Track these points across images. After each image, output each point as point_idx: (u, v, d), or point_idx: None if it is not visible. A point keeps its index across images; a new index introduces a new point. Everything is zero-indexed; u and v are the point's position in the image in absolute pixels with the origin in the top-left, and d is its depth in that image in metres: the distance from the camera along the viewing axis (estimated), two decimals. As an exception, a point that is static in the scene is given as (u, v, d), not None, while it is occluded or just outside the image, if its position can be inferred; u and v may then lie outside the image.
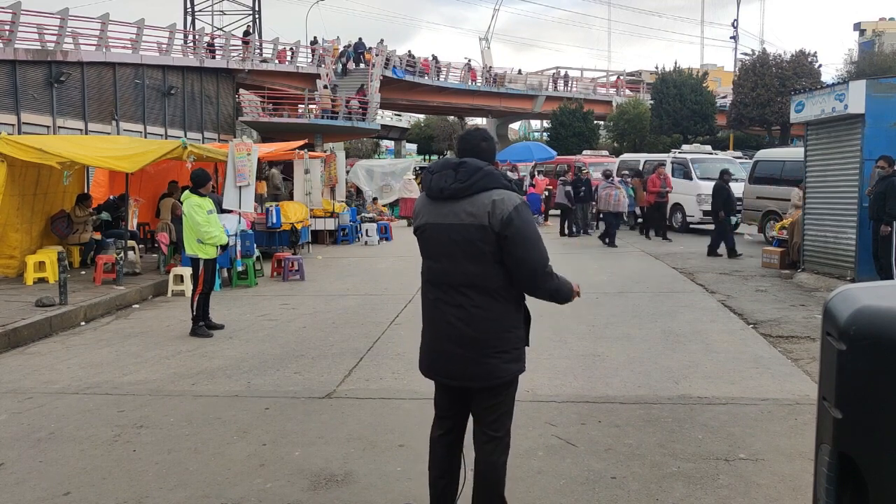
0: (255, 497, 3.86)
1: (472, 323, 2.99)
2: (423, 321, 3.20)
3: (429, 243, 3.10)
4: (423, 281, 3.18)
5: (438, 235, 3.04)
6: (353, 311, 9.12)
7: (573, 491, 3.87)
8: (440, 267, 3.06)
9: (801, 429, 4.73)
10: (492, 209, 2.92)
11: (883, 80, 10.56)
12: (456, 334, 3.02)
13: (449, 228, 3.00)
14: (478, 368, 3.01)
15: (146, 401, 5.54)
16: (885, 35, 47.88)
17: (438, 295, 3.08)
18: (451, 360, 3.06)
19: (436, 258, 3.08)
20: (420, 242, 3.17)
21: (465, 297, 3.00)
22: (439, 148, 56.26)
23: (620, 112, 42.81)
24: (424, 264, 3.17)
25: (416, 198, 3.24)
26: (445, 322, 3.05)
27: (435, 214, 3.05)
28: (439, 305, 3.07)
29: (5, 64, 18.64)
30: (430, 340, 3.15)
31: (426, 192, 3.15)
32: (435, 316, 3.10)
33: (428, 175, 3.13)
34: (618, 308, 8.97)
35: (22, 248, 11.16)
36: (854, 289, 1.84)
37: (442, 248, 3.04)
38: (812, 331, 7.56)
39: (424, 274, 3.18)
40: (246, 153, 11.65)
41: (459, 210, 2.98)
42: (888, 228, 9.53)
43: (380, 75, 33.83)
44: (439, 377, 3.16)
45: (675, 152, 21.79)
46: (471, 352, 3.00)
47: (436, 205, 3.06)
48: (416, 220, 3.18)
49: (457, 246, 2.98)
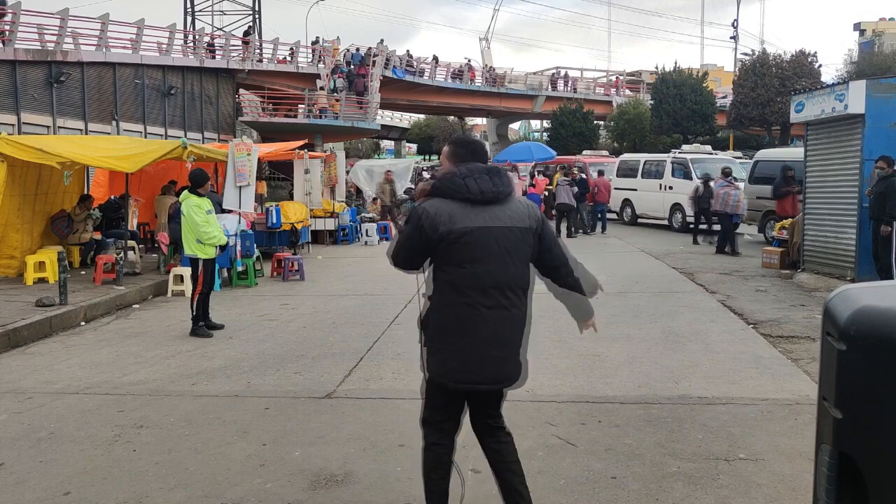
0: (255, 497, 3.86)
1: (513, 324, 3.09)
2: (451, 330, 3.04)
3: (472, 248, 3.01)
4: (456, 286, 3.03)
5: (486, 239, 3.02)
6: (353, 311, 9.12)
7: (573, 491, 3.87)
8: (484, 271, 3.01)
9: (801, 429, 4.73)
10: (528, 212, 3.14)
11: (883, 80, 10.56)
12: (498, 337, 3.04)
13: (498, 231, 3.04)
14: (512, 368, 3.11)
15: (146, 401, 5.54)
16: (885, 35, 47.92)
17: (477, 299, 3.01)
18: (491, 363, 3.05)
19: (480, 262, 3.01)
20: (456, 248, 3.00)
21: (507, 299, 3.05)
22: (439, 148, 56.00)
23: (620, 112, 42.79)
24: (460, 270, 3.02)
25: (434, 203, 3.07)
26: (486, 326, 3.02)
27: (476, 218, 3.01)
28: (478, 310, 3.01)
29: (5, 64, 18.63)
30: (467, 347, 3.02)
31: (463, 196, 3.03)
32: (474, 321, 3.01)
33: (460, 180, 3.04)
34: (618, 308, 8.97)
35: (22, 248, 11.16)
36: (854, 289, 1.84)
37: (489, 252, 3.02)
38: (812, 331, 7.56)
39: (458, 279, 3.02)
40: (246, 153, 11.65)
41: (501, 214, 3.06)
42: (888, 228, 9.53)
43: (380, 75, 33.79)
44: (478, 384, 3.08)
45: (675, 152, 21.80)
46: (508, 352, 3.09)
47: (475, 209, 3.03)
48: (446, 225, 2.99)
49: (505, 249, 3.05)
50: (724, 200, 14.64)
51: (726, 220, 14.64)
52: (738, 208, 14.69)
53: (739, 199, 14.70)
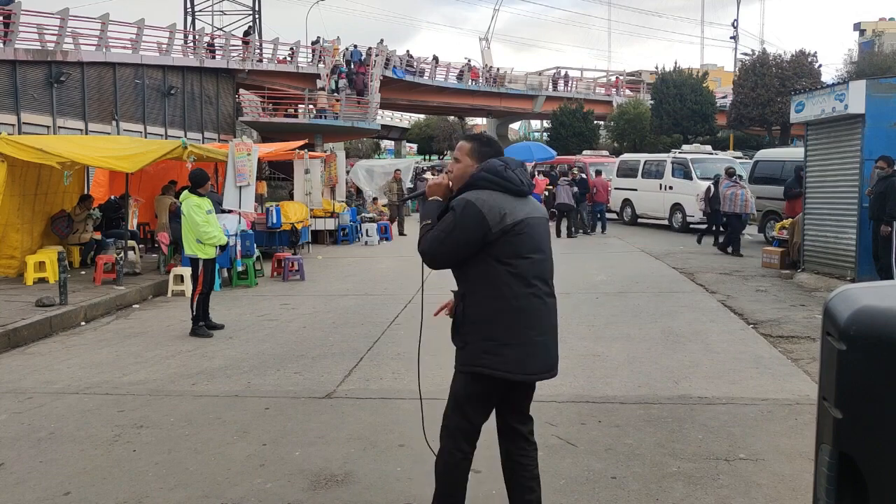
0: (255, 497, 3.86)
1: (555, 312, 3.15)
2: (519, 321, 2.99)
3: (532, 238, 3.04)
4: (523, 277, 2.99)
5: (539, 228, 3.10)
6: (353, 311, 9.12)
7: (573, 491, 3.87)
8: (541, 259, 3.07)
9: (801, 429, 4.73)
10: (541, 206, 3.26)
11: (883, 80, 10.56)
12: (550, 325, 3.10)
13: (541, 221, 3.13)
14: (557, 355, 3.15)
15: (146, 401, 5.54)
16: (885, 35, 47.87)
17: (534, 290, 3.02)
18: (547, 352, 3.08)
19: (538, 251, 3.06)
20: (519, 238, 2.98)
21: (550, 288, 3.12)
22: (439, 148, 56.21)
23: (620, 112, 42.80)
24: (525, 260, 2.99)
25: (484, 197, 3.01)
26: (548, 314, 3.08)
27: (523, 209, 3.05)
28: (542, 299, 3.05)
29: (5, 64, 18.64)
30: (535, 337, 3.01)
31: (508, 187, 3.04)
32: (539, 311, 3.03)
33: (510, 172, 3.06)
34: (618, 308, 8.97)
35: (22, 248, 11.16)
36: (854, 289, 1.84)
37: (543, 241, 3.11)
38: (812, 331, 7.56)
39: (525, 270, 2.99)
40: (246, 153, 11.66)
41: (534, 206, 3.14)
42: (888, 228, 9.53)
43: (380, 75, 33.79)
44: (537, 374, 3.05)
45: (675, 152, 21.81)
46: (556, 340, 3.15)
47: (518, 201, 3.07)
48: (511, 216, 2.96)
49: (546, 238, 3.16)
50: (732, 200, 14.52)
51: (734, 220, 14.57)
52: (747, 207, 14.58)
53: (747, 198, 14.56)
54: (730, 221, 14.73)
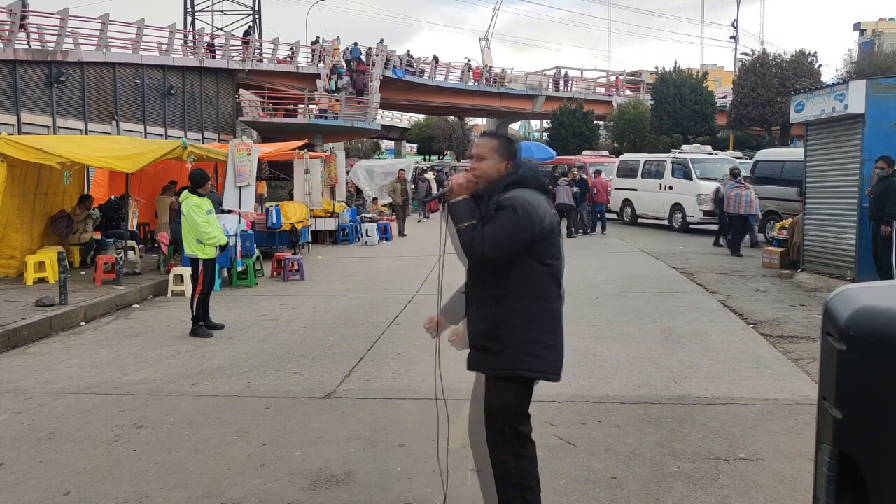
0: (255, 497, 3.86)
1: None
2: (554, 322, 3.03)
3: (560, 240, 3.09)
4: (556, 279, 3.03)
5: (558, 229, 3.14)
6: (353, 311, 9.12)
7: (573, 491, 3.87)
8: (563, 260, 3.11)
9: (801, 429, 4.73)
10: None
11: (883, 80, 10.56)
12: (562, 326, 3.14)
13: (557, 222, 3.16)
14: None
15: (146, 401, 5.54)
16: (884, 35, 47.92)
17: (561, 290, 3.08)
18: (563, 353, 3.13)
19: (562, 252, 3.10)
20: (554, 239, 3.02)
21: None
22: (439, 148, 56.19)
23: (620, 112, 42.79)
24: (558, 262, 3.04)
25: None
26: (562, 315, 3.11)
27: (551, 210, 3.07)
28: (560, 301, 3.09)
29: (5, 64, 18.64)
30: (559, 339, 3.07)
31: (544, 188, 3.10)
32: (561, 312, 3.08)
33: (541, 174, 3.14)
34: (618, 308, 8.97)
35: (22, 248, 11.16)
36: (854, 289, 1.84)
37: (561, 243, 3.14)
38: (812, 331, 7.56)
39: (559, 271, 3.04)
40: (246, 153, 11.66)
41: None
42: (888, 228, 9.53)
43: (380, 75, 33.79)
44: (559, 375, 3.10)
45: (675, 152, 21.80)
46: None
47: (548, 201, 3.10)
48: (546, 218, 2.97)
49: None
50: (737, 202, 14.42)
51: (738, 221, 14.51)
52: (752, 207, 14.46)
53: (752, 199, 14.43)
54: (733, 222, 14.66)
